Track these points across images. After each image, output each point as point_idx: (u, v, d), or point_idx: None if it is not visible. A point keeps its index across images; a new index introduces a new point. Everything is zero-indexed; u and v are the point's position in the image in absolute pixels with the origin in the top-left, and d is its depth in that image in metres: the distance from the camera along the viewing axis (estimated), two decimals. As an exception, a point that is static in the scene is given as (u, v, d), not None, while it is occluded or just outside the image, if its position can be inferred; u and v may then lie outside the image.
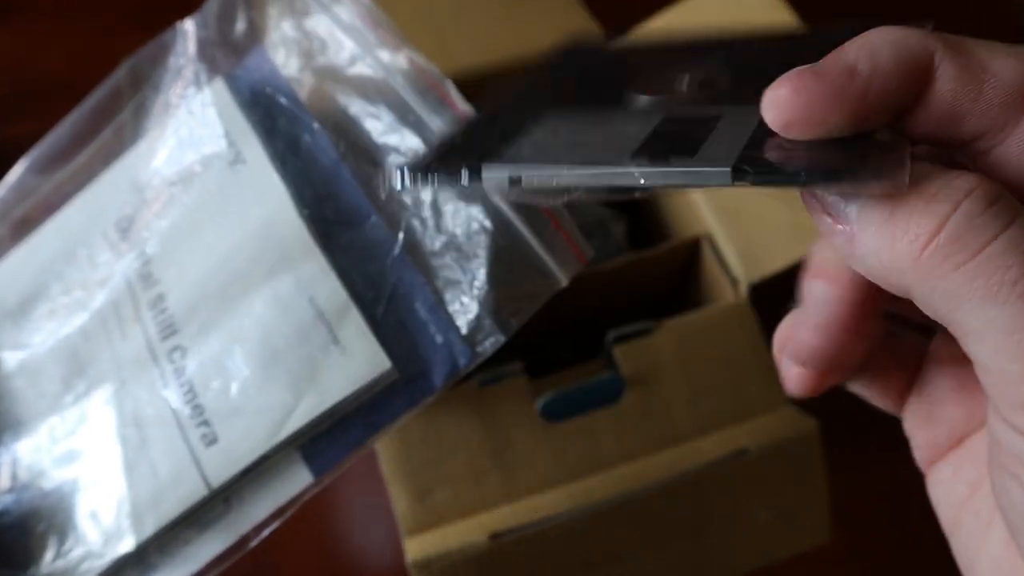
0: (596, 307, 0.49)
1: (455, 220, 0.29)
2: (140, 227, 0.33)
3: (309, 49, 0.32)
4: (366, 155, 0.31)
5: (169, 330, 0.30)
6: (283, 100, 0.32)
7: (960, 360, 0.21)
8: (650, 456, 0.41)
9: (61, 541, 0.29)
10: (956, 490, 0.22)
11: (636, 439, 0.41)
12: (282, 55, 0.32)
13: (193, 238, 0.32)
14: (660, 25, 0.52)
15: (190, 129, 0.33)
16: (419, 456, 0.40)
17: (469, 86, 0.54)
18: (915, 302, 0.17)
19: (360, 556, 0.53)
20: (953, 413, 0.22)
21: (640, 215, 0.57)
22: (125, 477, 0.29)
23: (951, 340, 0.17)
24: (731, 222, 0.46)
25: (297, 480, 0.30)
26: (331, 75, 0.31)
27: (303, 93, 0.32)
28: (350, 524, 0.55)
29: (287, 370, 0.29)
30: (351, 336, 0.29)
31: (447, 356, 0.29)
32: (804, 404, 0.43)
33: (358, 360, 0.29)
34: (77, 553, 0.28)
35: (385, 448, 0.40)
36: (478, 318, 0.29)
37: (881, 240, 0.17)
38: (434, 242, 0.29)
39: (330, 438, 0.30)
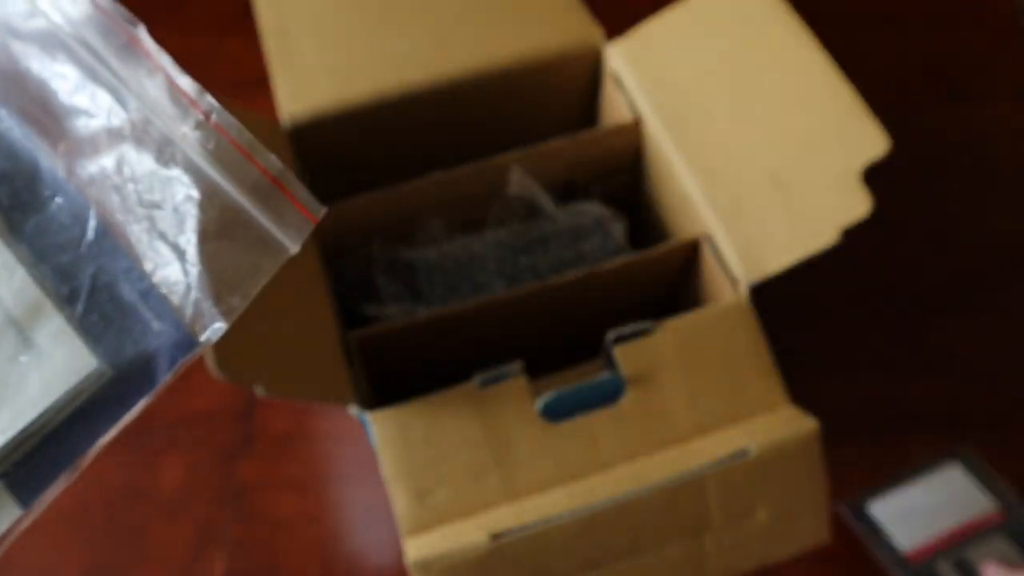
0: (596, 307, 0.49)
1: (156, 189, 0.25)
2: None
3: None
4: (50, 121, 0.26)
5: None
6: None
7: None
8: (650, 456, 0.41)
9: None
10: None
11: (636, 439, 0.41)
12: None
13: None
14: (661, 25, 0.52)
15: None
16: (419, 456, 0.40)
17: (470, 86, 0.55)
18: None
19: (360, 556, 0.53)
20: None
21: (640, 215, 0.57)
22: None
23: None
24: (731, 222, 0.46)
25: (3, 514, 0.25)
26: (3, 29, 0.26)
27: None
28: (350, 524, 0.55)
29: None
30: (48, 338, 0.25)
31: (167, 344, 0.25)
32: (805, 405, 0.43)
33: (57, 364, 0.25)
34: None
35: (385, 448, 0.40)
36: (196, 302, 0.25)
37: None
38: (136, 217, 0.25)
39: (38, 458, 0.25)
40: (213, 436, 0.57)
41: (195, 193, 0.25)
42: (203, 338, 0.25)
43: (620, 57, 0.52)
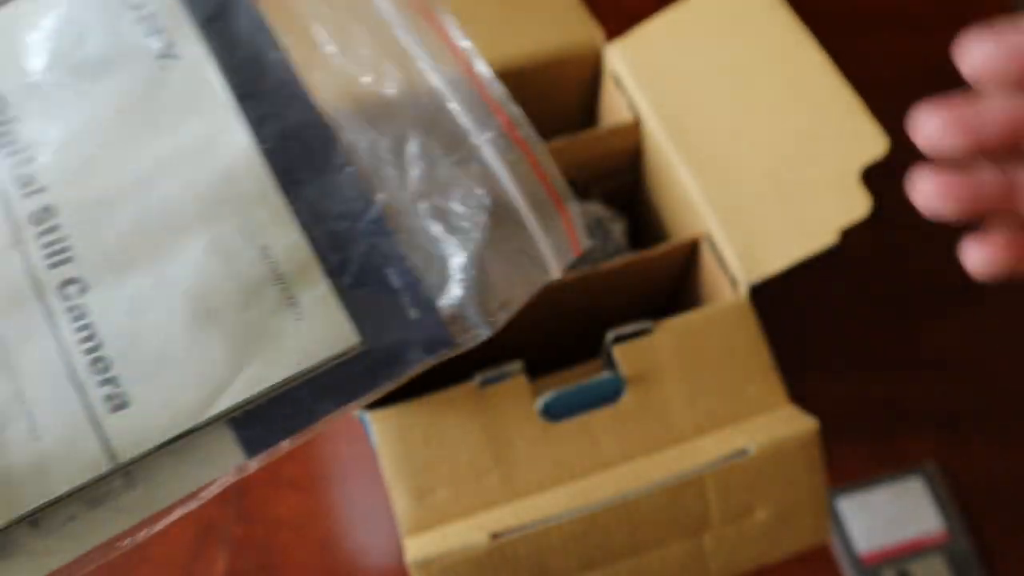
0: (596, 307, 0.49)
1: (447, 187, 0.25)
2: (21, 115, 0.25)
3: None
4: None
5: (61, 256, 0.24)
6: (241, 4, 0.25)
7: None
8: (650, 456, 0.41)
9: None
10: None
11: (636, 439, 0.42)
12: None
13: (103, 142, 0.25)
14: (661, 25, 0.52)
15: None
16: (419, 456, 0.40)
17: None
18: None
19: (360, 556, 0.53)
20: None
21: (640, 215, 0.57)
22: None
23: None
24: (731, 222, 0.46)
25: (224, 459, 0.24)
26: None
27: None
28: (350, 524, 0.55)
29: (226, 333, 0.24)
30: (312, 301, 0.24)
31: (423, 337, 0.25)
32: (804, 404, 0.43)
33: (319, 330, 0.24)
34: None
35: (385, 448, 0.40)
36: (462, 305, 0.25)
37: None
38: (418, 209, 0.25)
39: (271, 414, 0.24)
40: (213, 436, 0.57)
41: (487, 200, 0.25)
42: (462, 340, 0.25)
43: (620, 57, 0.53)
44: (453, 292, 0.25)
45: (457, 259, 0.25)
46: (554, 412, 0.41)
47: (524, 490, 0.40)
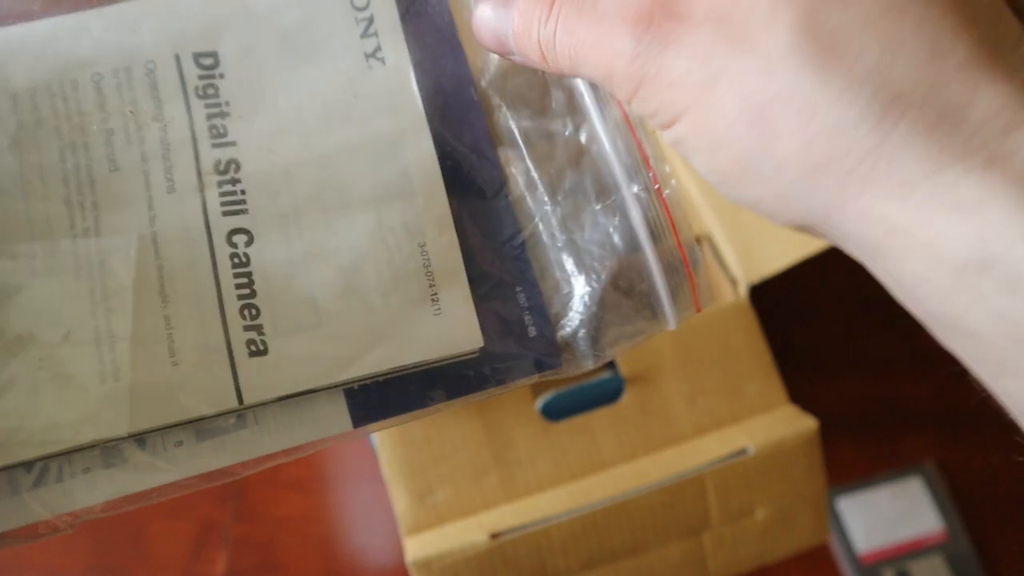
0: (596, 307, 0.49)
1: (586, 227, 0.27)
2: (228, 74, 0.27)
3: None
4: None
5: (236, 207, 0.26)
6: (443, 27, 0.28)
7: None
8: (650, 456, 0.41)
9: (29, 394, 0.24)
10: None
11: (636, 439, 0.42)
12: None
13: (297, 119, 0.27)
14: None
15: None
16: (420, 456, 0.40)
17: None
18: None
19: (360, 555, 0.53)
20: None
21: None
22: (130, 349, 0.24)
23: None
24: (731, 222, 0.46)
25: (333, 423, 0.25)
26: None
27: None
28: (350, 523, 0.55)
29: (371, 310, 0.25)
30: (452, 301, 0.26)
31: (535, 355, 0.26)
32: (804, 404, 0.43)
33: (453, 328, 0.26)
34: (45, 417, 0.24)
35: (385, 448, 0.40)
36: (575, 335, 0.27)
37: None
38: (555, 242, 0.27)
39: (385, 392, 0.26)
40: (213, 436, 0.57)
41: (620, 244, 0.27)
42: (568, 367, 0.27)
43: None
44: (571, 322, 0.27)
45: (581, 295, 0.27)
46: (554, 412, 0.41)
47: (524, 490, 0.40)
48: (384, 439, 0.41)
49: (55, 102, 0.26)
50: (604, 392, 0.42)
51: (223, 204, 0.26)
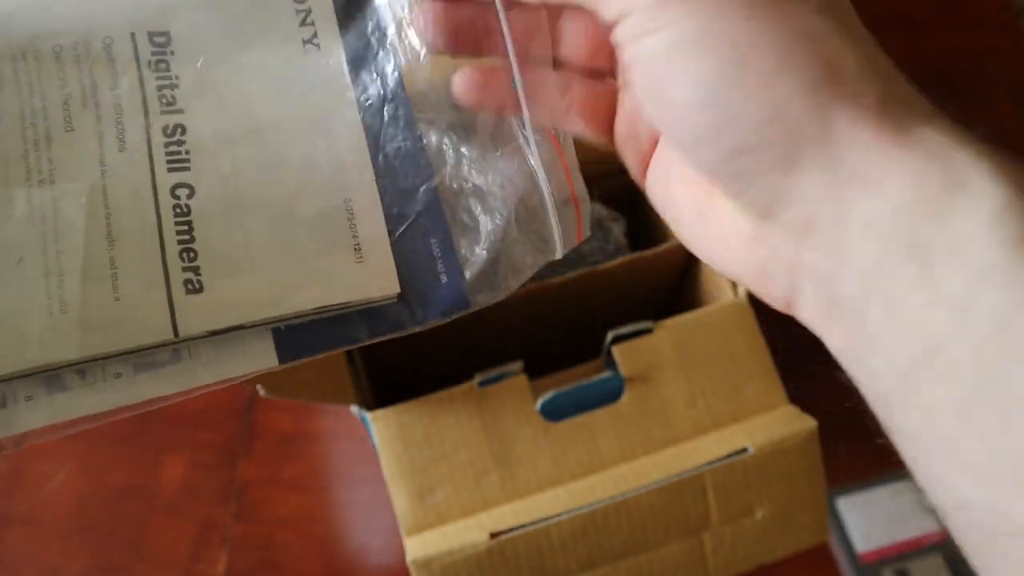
0: (596, 307, 0.49)
1: (489, 168, 0.30)
2: (178, 51, 0.31)
3: None
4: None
5: (180, 164, 0.29)
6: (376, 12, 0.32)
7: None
8: (650, 456, 0.41)
9: None
10: (661, 179, 0.27)
11: (636, 439, 0.42)
12: None
13: (240, 93, 0.30)
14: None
15: None
16: (419, 456, 0.40)
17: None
18: None
19: (360, 555, 0.54)
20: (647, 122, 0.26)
21: (640, 215, 0.57)
22: (80, 284, 0.27)
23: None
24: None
25: (260, 359, 0.28)
26: None
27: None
28: (350, 523, 0.55)
29: (298, 257, 0.28)
30: (372, 251, 0.29)
31: (445, 296, 0.29)
32: (804, 404, 0.43)
33: (371, 274, 0.29)
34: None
35: (385, 448, 0.41)
36: (482, 272, 0.29)
37: None
38: (464, 184, 0.30)
39: (309, 331, 0.29)
40: (214, 435, 0.57)
41: (520, 189, 0.30)
42: (476, 302, 0.29)
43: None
44: (477, 261, 0.29)
45: (486, 232, 0.29)
46: (554, 412, 0.42)
47: (524, 490, 0.40)
48: (384, 439, 0.41)
49: (16, 67, 0.29)
50: (604, 392, 0.42)
51: (168, 162, 0.29)
